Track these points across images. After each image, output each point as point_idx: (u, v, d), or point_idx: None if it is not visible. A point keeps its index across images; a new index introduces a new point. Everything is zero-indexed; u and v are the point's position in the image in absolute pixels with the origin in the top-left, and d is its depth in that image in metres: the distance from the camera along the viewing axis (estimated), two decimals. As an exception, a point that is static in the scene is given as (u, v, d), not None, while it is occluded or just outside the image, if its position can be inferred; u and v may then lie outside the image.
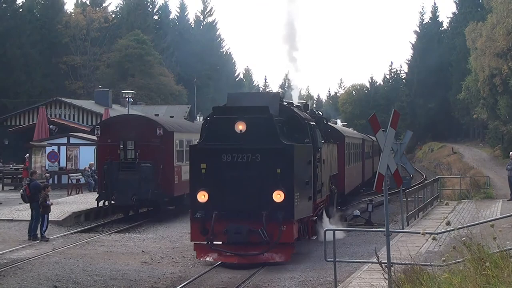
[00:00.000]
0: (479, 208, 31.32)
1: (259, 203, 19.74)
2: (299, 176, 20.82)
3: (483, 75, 66.49)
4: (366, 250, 19.32)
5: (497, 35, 59.48)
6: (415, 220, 28.38)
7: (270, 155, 20.15)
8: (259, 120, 20.41)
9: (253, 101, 23.72)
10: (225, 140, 20.54)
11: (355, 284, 15.92)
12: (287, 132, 22.23)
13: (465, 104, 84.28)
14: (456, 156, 75.86)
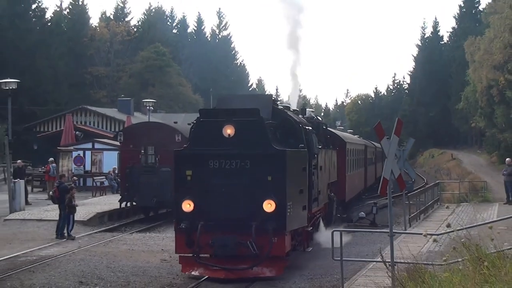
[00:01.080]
0: (477, 211, 31.09)
1: (249, 213, 16.68)
2: (292, 184, 17.50)
3: (481, 86, 66.41)
4: (370, 250, 19.22)
5: (494, 48, 59.45)
6: (417, 222, 28.34)
7: (260, 161, 17.05)
8: (248, 124, 17.25)
9: (244, 103, 20.02)
10: (212, 145, 17.35)
11: (361, 282, 15.89)
12: (281, 137, 19.19)
13: (464, 113, 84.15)
14: (455, 162, 75.76)
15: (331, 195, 25.91)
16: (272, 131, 18.33)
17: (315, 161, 21.09)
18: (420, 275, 13.13)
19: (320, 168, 22.16)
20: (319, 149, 22.24)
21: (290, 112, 21.14)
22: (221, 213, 16.68)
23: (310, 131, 21.14)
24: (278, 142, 18.33)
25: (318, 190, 21.50)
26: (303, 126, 20.35)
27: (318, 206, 21.83)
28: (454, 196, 40.87)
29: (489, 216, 27.70)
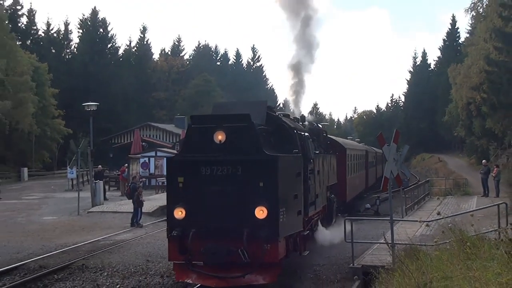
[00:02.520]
0: (459, 202, 31.06)
1: (240, 220, 13.26)
2: (285, 189, 13.93)
3: (462, 103, 66.16)
4: (375, 234, 19.13)
5: (471, 73, 59.05)
6: (412, 211, 28.21)
7: (251, 168, 13.54)
8: (239, 129, 13.88)
9: (238, 109, 16.65)
10: (204, 151, 13.95)
11: (368, 259, 15.81)
12: (275, 143, 15.68)
13: (448, 125, 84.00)
14: (441, 163, 75.63)
15: (331, 197, 22.17)
16: (265, 136, 15.06)
17: (312, 166, 17.39)
18: (415, 253, 13.11)
19: (317, 172, 18.47)
20: (317, 154, 18.82)
21: (286, 118, 17.40)
22: (213, 220, 13.23)
23: (306, 137, 17.68)
24: (272, 147, 14.94)
25: (315, 193, 17.86)
26: (297, 132, 16.78)
27: (315, 209, 18.00)
28: (441, 190, 40.62)
29: (470, 206, 27.51)
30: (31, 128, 67.71)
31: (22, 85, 66.58)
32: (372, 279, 13.28)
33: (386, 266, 13.55)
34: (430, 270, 11.29)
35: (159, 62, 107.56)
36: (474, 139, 65.43)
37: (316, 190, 17.93)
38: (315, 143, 19.80)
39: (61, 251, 19.92)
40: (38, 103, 68.82)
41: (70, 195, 39.50)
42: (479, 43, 58.52)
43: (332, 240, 19.22)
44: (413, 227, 19.48)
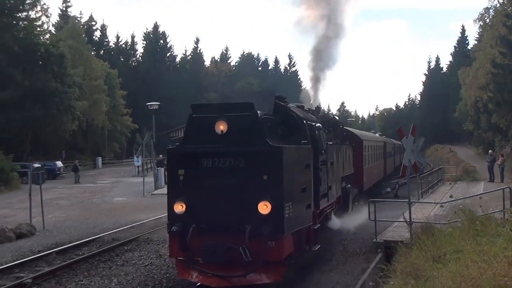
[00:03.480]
0: (468, 187, 30.54)
1: (243, 215, 10.67)
2: (292, 182, 11.30)
3: (470, 101, 65.39)
4: (395, 214, 18.83)
5: (479, 75, 58.47)
6: (427, 194, 27.78)
7: (255, 160, 10.91)
8: (241, 119, 11.22)
9: (244, 99, 13.36)
10: (205, 142, 11.27)
11: (389, 235, 15.64)
12: (283, 133, 12.80)
13: (458, 120, 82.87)
14: (452, 153, 74.64)
15: (347, 187, 19.31)
16: (272, 127, 12.41)
17: (323, 157, 14.35)
18: (430, 230, 12.93)
19: (330, 163, 15.36)
20: (329, 145, 15.68)
21: (295, 108, 14.37)
22: (214, 215, 10.70)
23: (317, 127, 14.54)
24: (280, 138, 12.21)
25: (327, 185, 14.84)
26: (307, 122, 13.76)
27: (328, 201, 15.07)
28: (452, 176, 39.98)
29: (478, 190, 26.96)
30: (104, 124, 69.32)
31: (97, 88, 68.03)
32: (393, 252, 13.16)
33: (405, 241, 13.42)
34: (444, 244, 11.15)
35: (210, 68, 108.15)
36: (481, 132, 64.82)
37: (328, 181, 14.84)
38: (331, 134, 17.27)
39: (130, 226, 20.25)
40: (109, 103, 70.27)
41: (136, 179, 40.00)
42: (486, 49, 57.91)
43: (353, 223, 18.09)
44: (428, 208, 19.18)
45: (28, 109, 49.33)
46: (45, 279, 13.14)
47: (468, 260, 8.78)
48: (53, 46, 53.70)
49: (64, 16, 79.44)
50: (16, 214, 24.72)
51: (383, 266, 12.33)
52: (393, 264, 11.94)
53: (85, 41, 71.65)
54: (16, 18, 53.95)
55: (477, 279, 7.62)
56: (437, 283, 8.56)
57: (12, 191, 36.06)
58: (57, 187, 38.33)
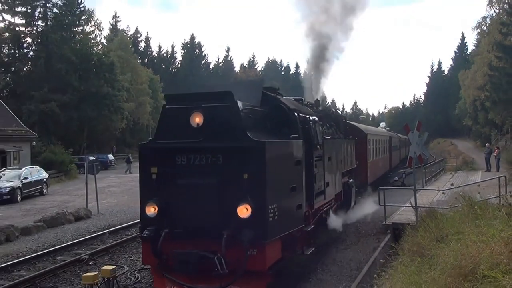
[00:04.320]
0: (468, 175, 30.05)
1: (221, 219, 8.24)
2: (278, 181, 8.81)
3: (469, 100, 64.60)
4: (402, 200, 18.60)
5: (477, 77, 57.90)
6: (430, 182, 27.42)
7: (234, 156, 8.44)
8: (219, 110, 8.68)
9: (228, 89, 9.69)
10: (179, 136, 8.82)
11: (397, 218, 15.49)
12: (272, 127, 10.12)
13: (458, 116, 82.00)
14: (453, 146, 73.68)
15: (349, 182, 16.31)
16: (259, 119, 9.72)
17: (319, 152, 11.56)
18: (434, 214, 12.74)
19: (328, 158, 12.45)
20: (327, 139, 12.76)
21: (286, 100, 11.23)
22: (188, 219, 8.29)
23: (312, 121, 11.57)
24: (268, 132, 9.64)
25: (324, 182, 12.03)
26: (299, 115, 10.84)
27: (325, 199, 12.17)
28: (453, 167, 39.39)
29: (476, 179, 26.49)
30: (148, 122, 70.07)
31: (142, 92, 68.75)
32: (400, 233, 13.04)
33: (411, 224, 13.30)
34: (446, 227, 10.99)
35: (239, 73, 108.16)
36: (479, 127, 64.15)
37: (326, 178, 12.12)
38: (333, 129, 14.92)
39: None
40: (153, 104, 70.86)
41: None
42: (483, 54, 57.43)
43: (356, 217, 16.50)
44: (431, 195, 18.90)
45: (84, 110, 50.14)
46: (99, 255, 13.36)
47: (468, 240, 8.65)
48: (104, 56, 54.42)
49: (114, 29, 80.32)
50: (75, 200, 25.18)
51: (392, 246, 12.25)
52: (401, 243, 11.83)
53: (131, 51, 72.32)
54: (73, 32, 54.82)
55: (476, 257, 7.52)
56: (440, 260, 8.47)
57: (71, 180, 36.72)
58: (109, 177, 38.88)
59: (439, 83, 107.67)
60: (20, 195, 25.83)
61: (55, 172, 37.10)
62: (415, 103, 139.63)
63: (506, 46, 46.41)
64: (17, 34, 51.13)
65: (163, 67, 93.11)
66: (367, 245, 13.75)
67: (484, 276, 6.94)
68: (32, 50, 53.28)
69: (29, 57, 53.47)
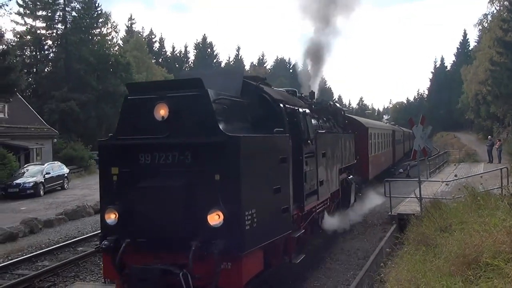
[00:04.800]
0: (470, 167, 29.79)
1: (189, 228, 6.50)
2: (257, 182, 7.07)
3: (471, 94, 64.28)
4: (407, 191, 18.45)
5: (479, 72, 57.65)
6: (434, 174, 27.18)
7: (204, 154, 6.67)
8: (187, 100, 6.92)
9: (205, 79, 7.29)
10: (144, 131, 7.04)
11: (402, 209, 15.38)
12: (254, 120, 8.30)
13: (461, 110, 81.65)
14: (456, 139, 73.06)
15: (348, 178, 14.43)
16: (238, 111, 7.89)
17: (311, 148, 9.89)
18: (438, 205, 12.68)
19: (322, 154, 10.79)
20: (321, 133, 11.06)
21: (269, 89, 9.42)
22: (153, 227, 6.70)
23: (302, 113, 9.74)
24: (249, 126, 8.01)
25: (318, 180, 10.33)
26: (285, 106, 9.03)
27: (318, 199, 10.48)
28: (456, 159, 39.03)
29: (479, 170, 26.20)
30: (163, 119, 70.36)
31: (157, 90, 68.86)
32: (406, 224, 12.97)
33: (416, 214, 13.20)
34: (450, 217, 10.92)
35: (249, 71, 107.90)
36: (481, 120, 63.73)
37: (319, 176, 10.50)
38: (330, 122, 13.42)
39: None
40: (167, 102, 71.11)
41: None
42: (484, 49, 57.23)
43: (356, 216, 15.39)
44: (435, 186, 18.76)
45: (102, 108, 50.42)
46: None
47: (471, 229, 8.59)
48: (121, 56, 54.59)
49: (130, 31, 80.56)
50: (94, 194, 25.33)
51: (397, 235, 12.20)
52: (406, 233, 11.78)
53: (146, 51, 72.46)
54: (91, 34, 55.10)
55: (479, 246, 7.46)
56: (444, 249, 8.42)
57: (90, 175, 36.96)
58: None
59: (442, 79, 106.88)
60: (43, 190, 26.06)
61: (76, 168, 37.43)
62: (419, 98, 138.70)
63: (506, 42, 46.17)
64: (38, 37, 51.50)
65: (176, 66, 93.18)
66: (373, 235, 13.69)
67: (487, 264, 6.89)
68: (52, 52, 53.67)
69: (49, 59, 53.86)
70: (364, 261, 10.77)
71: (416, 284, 7.07)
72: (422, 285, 6.97)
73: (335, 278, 9.90)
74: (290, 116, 9.08)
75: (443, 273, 7.30)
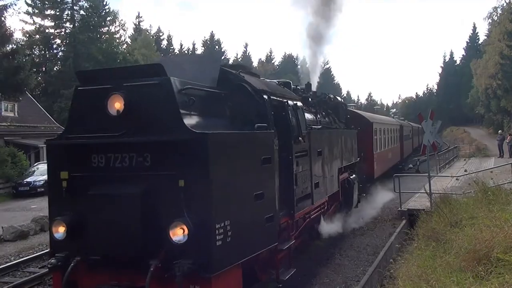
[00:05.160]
0: (481, 162, 29.60)
1: (149, 244, 5.26)
2: (232, 188, 5.69)
3: (481, 88, 63.91)
4: (416, 186, 18.33)
5: (489, 66, 57.52)
6: (444, 169, 27.08)
7: (167, 155, 5.34)
8: (146, 90, 5.51)
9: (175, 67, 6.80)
10: (96, 129, 5.70)
11: (412, 205, 15.31)
12: (233, 114, 6.86)
13: (471, 105, 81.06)
14: (466, 134, 72.77)
15: (350, 178, 13.08)
16: (213, 104, 6.68)
17: (303, 146, 8.57)
18: (448, 200, 12.60)
19: (318, 153, 9.63)
20: (315, 129, 9.84)
21: (254, 79, 8.01)
22: (106, 243, 5.49)
23: (291, 106, 8.40)
24: (227, 121, 6.84)
25: (312, 182, 9.08)
26: (270, 97, 7.56)
27: (313, 204, 9.19)
28: (466, 153, 38.87)
29: (489, 165, 26.05)
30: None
31: (165, 88, 69.06)
32: (415, 219, 12.89)
33: (425, 209, 13.15)
34: (460, 212, 10.84)
35: (257, 67, 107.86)
36: (491, 115, 63.46)
37: (314, 177, 9.28)
38: (330, 117, 12.46)
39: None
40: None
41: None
42: (494, 43, 56.91)
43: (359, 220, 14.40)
44: (445, 181, 18.65)
45: (111, 106, 50.72)
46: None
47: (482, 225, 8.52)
48: (129, 54, 54.88)
49: (137, 29, 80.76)
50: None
51: (407, 231, 12.13)
52: (416, 229, 11.70)
53: (154, 49, 72.59)
54: (99, 32, 55.32)
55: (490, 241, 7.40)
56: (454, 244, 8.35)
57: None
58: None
59: (452, 73, 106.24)
60: (53, 188, 26.26)
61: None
62: (428, 92, 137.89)
63: (517, 35, 45.78)
64: (47, 36, 51.83)
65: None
66: (383, 230, 13.63)
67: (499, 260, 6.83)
68: (61, 50, 54.00)
69: (58, 57, 54.20)
70: (373, 257, 10.73)
71: (427, 280, 7.03)
72: (432, 281, 6.93)
73: (344, 274, 9.87)
74: (277, 110, 7.81)
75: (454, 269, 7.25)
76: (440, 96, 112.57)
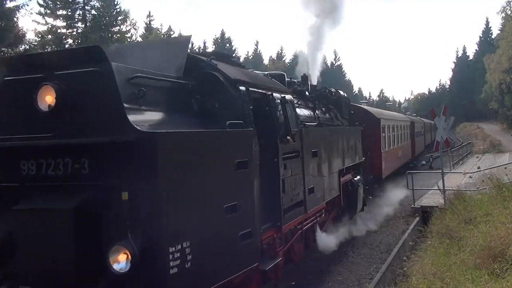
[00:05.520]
0: (495, 158, 29.31)
1: (86, 273, 4.00)
2: (194, 200, 4.39)
3: (495, 84, 63.46)
4: (430, 183, 18.13)
5: (502, 60, 56.84)
6: (458, 166, 26.83)
7: (107, 161, 4.03)
8: (82, 81, 4.14)
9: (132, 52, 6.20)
10: (25, 128, 4.36)
11: (425, 202, 15.19)
12: (203, 110, 5.42)
13: (484, 100, 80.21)
14: (479, 130, 72.25)
15: (354, 180, 11.71)
16: (176, 98, 5.32)
17: (293, 147, 7.39)
18: (462, 197, 12.50)
19: (312, 154, 8.42)
20: (309, 127, 8.70)
21: (230, 67, 6.46)
22: (34, 269, 4.22)
23: (278, 100, 7.10)
24: (196, 118, 5.39)
25: (305, 188, 7.87)
26: (248, 89, 6.15)
27: (306, 212, 7.99)
28: (480, 149, 38.48)
29: (503, 161, 25.78)
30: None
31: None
32: (429, 216, 12.80)
33: (439, 206, 13.03)
34: (474, 209, 10.75)
35: (268, 65, 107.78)
36: (505, 110, 62.78)
37: (308, 182, 8.05)
38: (331, 113, 11.38)
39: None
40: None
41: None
42: (508, 37, 56.45)
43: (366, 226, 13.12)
44: (459, 178, 18.48)
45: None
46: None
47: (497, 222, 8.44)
48: (140, 53, 55.14)
49: (148, 28, 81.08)
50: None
51: (420, 228, 12.07)
52: (430, 226, 11.63)
53: (165, 48, 73.13)
54: (111, 32, 55.69)
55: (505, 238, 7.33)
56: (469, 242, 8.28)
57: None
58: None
59: (464, 68, 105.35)
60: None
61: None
62: (440, 88, 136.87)
63: (531, 29, 45.23)
64: (59, 36, 52.28)
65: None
66: (396, 228, 13.55)
67: (514, 257, 6.75)
68: (73, 50, 54.53)
69: (71, 57, 54.76)
70: (387, 255, 10.67)
71: (441, 278, 6.98)
72: (447, 279, 6.87)
73: (357, 272, 9.83)
74: (259, 104, 6.61)
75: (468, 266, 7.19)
76: (453, 91, 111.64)
